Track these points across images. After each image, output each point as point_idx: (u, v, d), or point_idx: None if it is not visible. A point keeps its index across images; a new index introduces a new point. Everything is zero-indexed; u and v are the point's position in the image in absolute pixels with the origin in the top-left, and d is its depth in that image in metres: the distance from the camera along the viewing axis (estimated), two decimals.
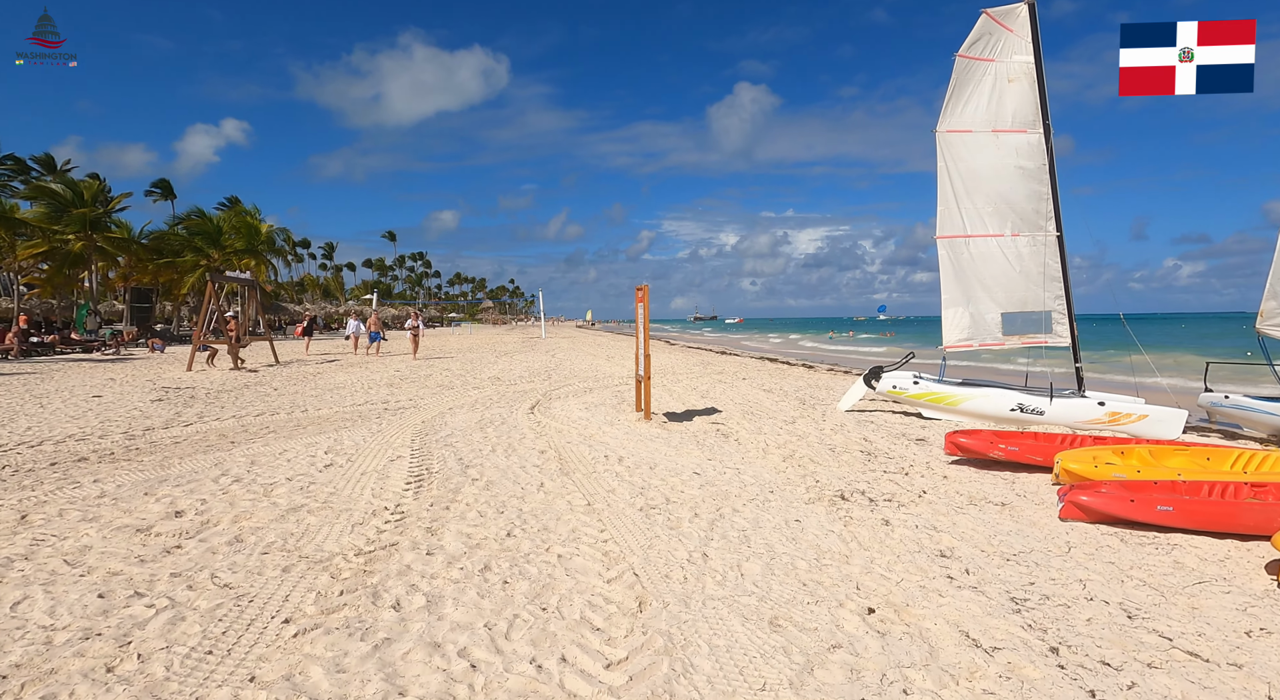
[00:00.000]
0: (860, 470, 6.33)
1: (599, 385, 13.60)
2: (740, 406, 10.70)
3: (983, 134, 9.79)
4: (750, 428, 8.58)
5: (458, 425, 8.37)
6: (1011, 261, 9.85)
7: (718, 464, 6.45)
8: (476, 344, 34.04)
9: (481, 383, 13.84)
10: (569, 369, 17.56)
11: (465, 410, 9.78)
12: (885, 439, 8.07)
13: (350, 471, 5.70)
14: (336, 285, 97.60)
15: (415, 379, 14.52)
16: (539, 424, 8.56)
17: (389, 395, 11.55)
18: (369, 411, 9.57)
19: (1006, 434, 6.97)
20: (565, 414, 9.49)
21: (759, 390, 13.30)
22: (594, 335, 52.19)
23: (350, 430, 7.87)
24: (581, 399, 11.29)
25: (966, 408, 9.59)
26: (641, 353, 8.81)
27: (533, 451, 6.79)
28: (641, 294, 8.77)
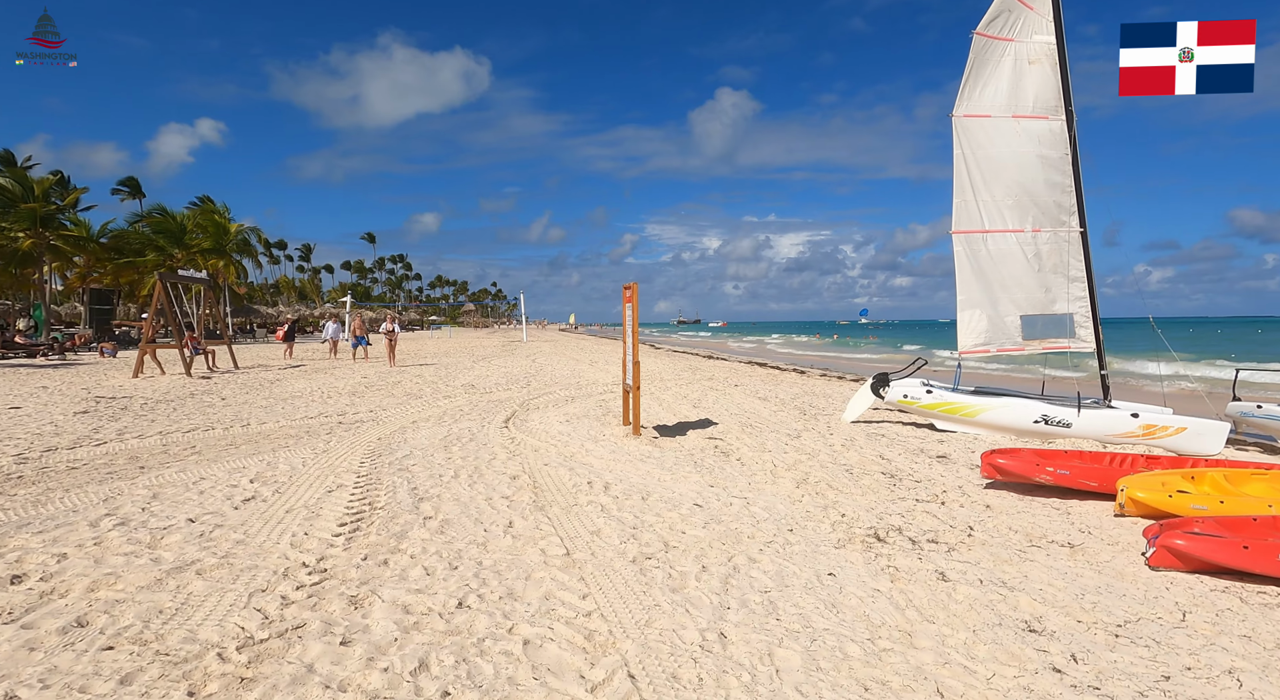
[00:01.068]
0: (887, 498, 5.40)
1: (581, 394, 12.58)
2: (737, 417, 9.75)
3: (1002, 119, 8.98)
4: (752, 444, 7.63)
5: (419, 443, 7.30)
6: (1031, 260, 9.04)
7: (721, 491, 5.48)
8: (455, 348, 32.79)
9: (454, 391, 12.74)
10: (550, 375, 16.52)
11: (431, 424, 8.70)
12: (904, 456, 7.17)
13: (274, 508, 4.62)
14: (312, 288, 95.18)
15: (382, 387, 13.37)
16: (513, 441, 7.53)
17: (348, 406, 10.42)
18: (320, 426, 8.45)
19: (1050, 454, 6.10)
20: (544, 428, 8.46)
21: (754, 398, 12.38)
22: (577, 339, 51.11)
23: (291, 450, 6.77)
24: (562, 410, 10.26)
25: (985, 419, 8.74)
26: (630, 359, 7.82)
27: (503, 477, 5.75)
28: (629, 293, 7.79)
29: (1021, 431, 8.54)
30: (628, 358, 7.98)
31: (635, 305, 7.58)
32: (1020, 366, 20.25)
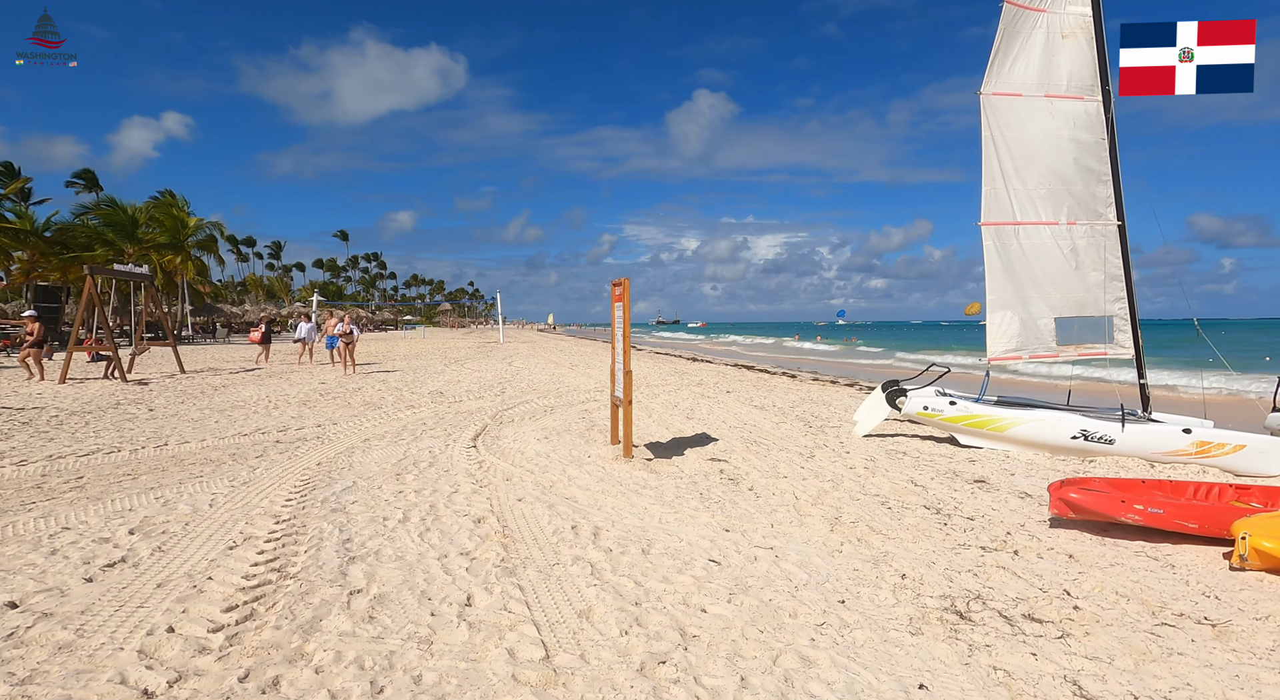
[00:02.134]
0: (945, 545, 4.35)
1: (562, 403, 11.39)
2: (738, 432, 8.67)
3: (1034, 98, 8.04)
4: (763, 467, 6.55)
5: (367, 469, 6.07)
6: (1067, 256, 8.12)
7: (740, 538, 4.37)
8: (427, 350, 31.28)
9: (419, 400, 11.46)
10: (527, 381, 15.29)
11: (386, 442, 7.46)
12: (939, 482, 6.16)
13: (142, 579, 3.39)
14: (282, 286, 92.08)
15: (339, 395, 12.03)
16: (481, 465, 6.33)
17: (294, 419, 9.10)
18: (252, 446, 7.15)
19: (1128, 485, 5.11)
20: (518, 448, 7.28)
21: (750, 407, 11.33)
22: (556, 340, 49.75)
23: (205, 480, 5.49)
24: (540, 423, 9.07)
25: (1016, 435, 7.78)
26: (620, 368, 6.68)
27: (465, 520, 4.57)
28: (620, 290, 6.65)
29: (1057, 448, 7.61)
30: (617, 365, 6.84)
31: (627, 304, 6.45)
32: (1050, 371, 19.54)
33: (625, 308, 6.44)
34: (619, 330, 6.73)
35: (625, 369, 6.43)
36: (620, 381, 6.64)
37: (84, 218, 33.33)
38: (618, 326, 6.78)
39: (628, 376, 6.41)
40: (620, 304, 6.64)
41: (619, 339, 6.74)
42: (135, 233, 33.02)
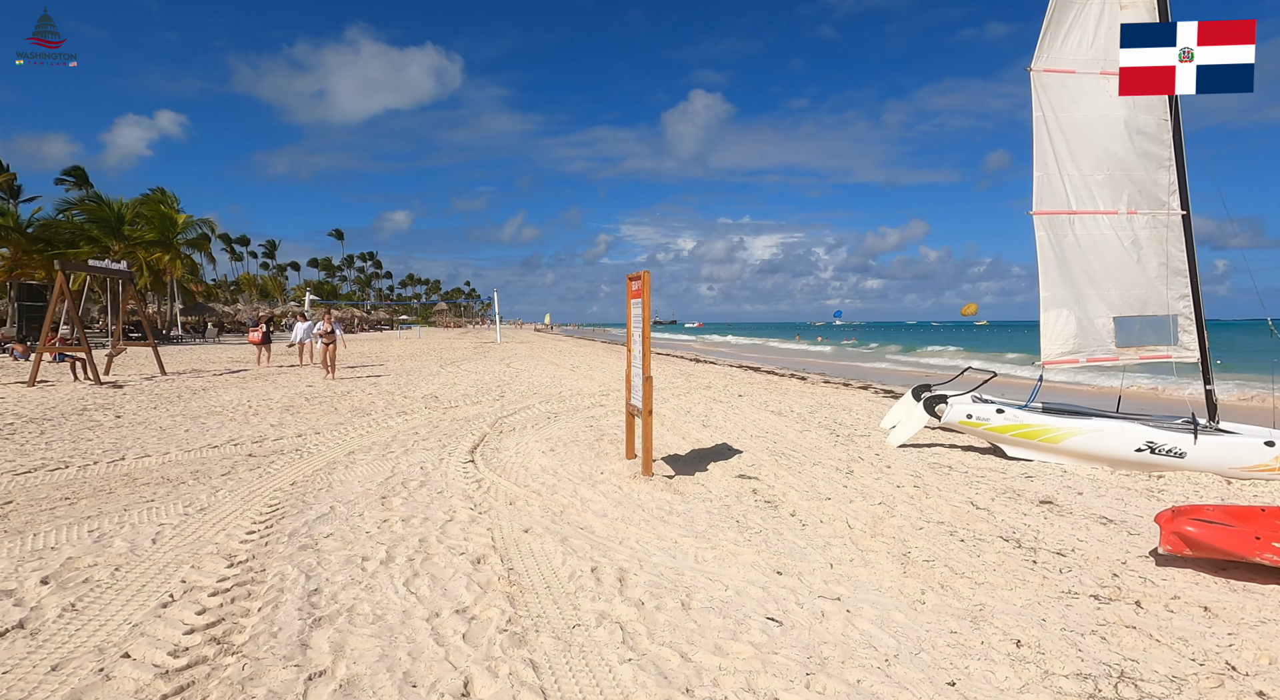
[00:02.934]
0: (1044, 591, 3.57)
1: (566, 408, 10.58)
2: (761, 441, 7.89)
3: (1088, 76, 7.27)
4: (800, 486, 5.76)
5: (348, 491, 5.26)
6: (1128, 248, 7.36)
7: (797, 584, 3.59)
8: (422, 350, 30.42)
9: (412, 405, 10.63)
10: (527, 383, 14.47)
11: (373, 456, 6.64)
12: (1002, 503, 5.38)
13: (36, 654, 2.58)
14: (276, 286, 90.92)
15: (326, 399, 11.19)
16: (480, 485, 5.53)
17: (274, 427, 8.27)
18: (220, 460, 6.32)
19: (1249, 514, 4.33)
20: (521, 462, 6.47)
21: (768, 413, 10.55)
22: (554, 340, 48.91)
23: (156, 505, 4.68)
24: (544, 432, 8.27)
25: (1072, 446, 7.02)
26: (638, 373, 5.88)
27: (461, 562, 3.77)
28: (638, 285, 5.85)
29: (1120, 462, 6.84)
30: (635, 370, 6.04)
31: (647, 301, 5.64)
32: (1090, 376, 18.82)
33: (645, 305, 5.64)
34: (637, 330, 5.93)
35: (645, 374, 5.63)
36: (639, 389, 5.84)
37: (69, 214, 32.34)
38: (636, 326, 5.98)
39: (648, 383, 5.61)
40: (639, 301, 5.85)
41: (637, 340, 5.94)
42: (121, 229, 32.05)
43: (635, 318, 6.01)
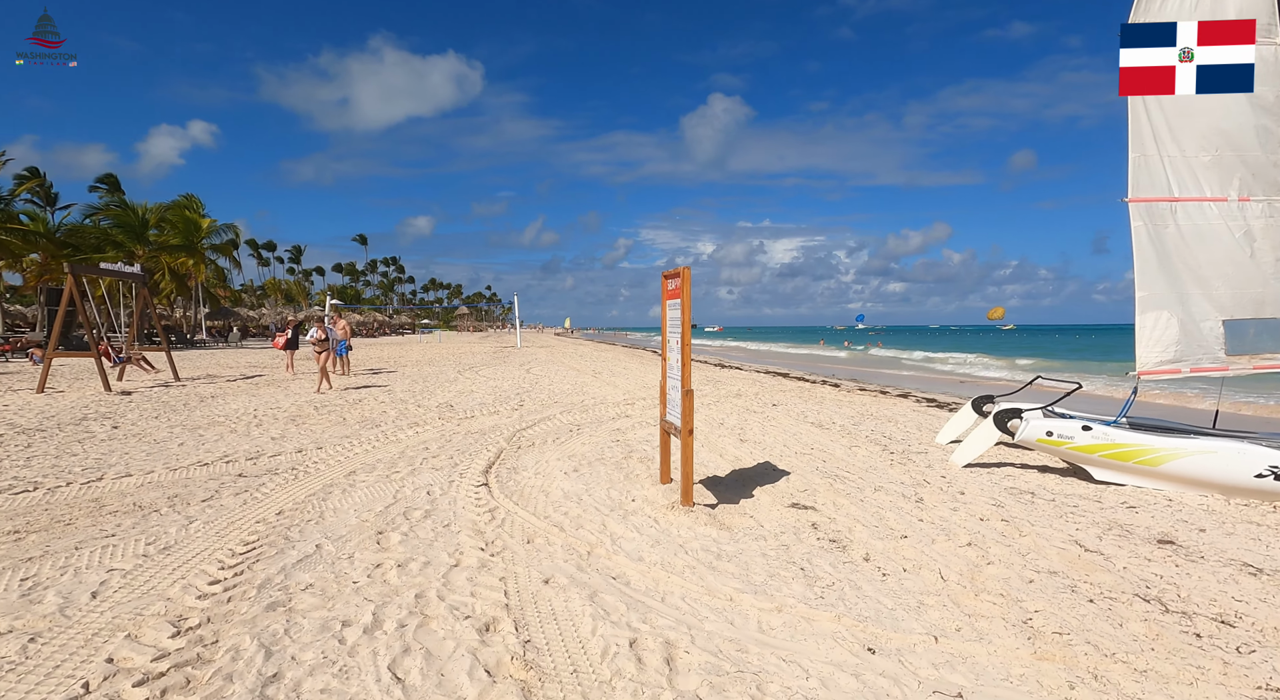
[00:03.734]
0: (1232, 684, 2.68)
1: (589, 419, 9.81)
2: (807, 460, 7.02)
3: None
4: (865, 517, 4.90)
5: (341, 524, 4.53)
6: (1239, 241, 6.36)
7: (899, 668, 2.74)
8: (441, 355, 29.96)
9: (425, 415, 9.95)
10: (548, 390, 13.74)
11: (376, 477, 5.92)
12: (1112, 543, 4.46)
13: None
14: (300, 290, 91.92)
15: (335, 409, 10.57)
16: (494, 516, 4.76)
17: (273, 441, 7.62)
18: (206, 481, 5.65)
19: None
20: (541, 486, 5.70)
21: (807, 425, 9.66)
22: (574, 344, 48.32)
23: (114, 542, 3.98)
24: (567, 448, 7.49)
25: (1177, 470, 6.04)
26: (676, 385, 5.07)
27: (466, 630, 2.98)
28: (676, 284, 5.05)
29: (1235, 489, 5.85)
30: (673, 382, 5.23)
31: (687, 300, 4.83)
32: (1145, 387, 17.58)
33: (685, 306, 4.83)
34: (675, 336, 5.13)
35: (685, 388, 4.82)
36: (676, 404, 5.03)
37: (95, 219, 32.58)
38: (673, 331, 5.18)
39: (688, 399, 4.79)
40: (677, 301, 5.04)
41: (674, 348, 5.14)
42: (145, 234, 32.17)
43: (673, 321, 5.20)
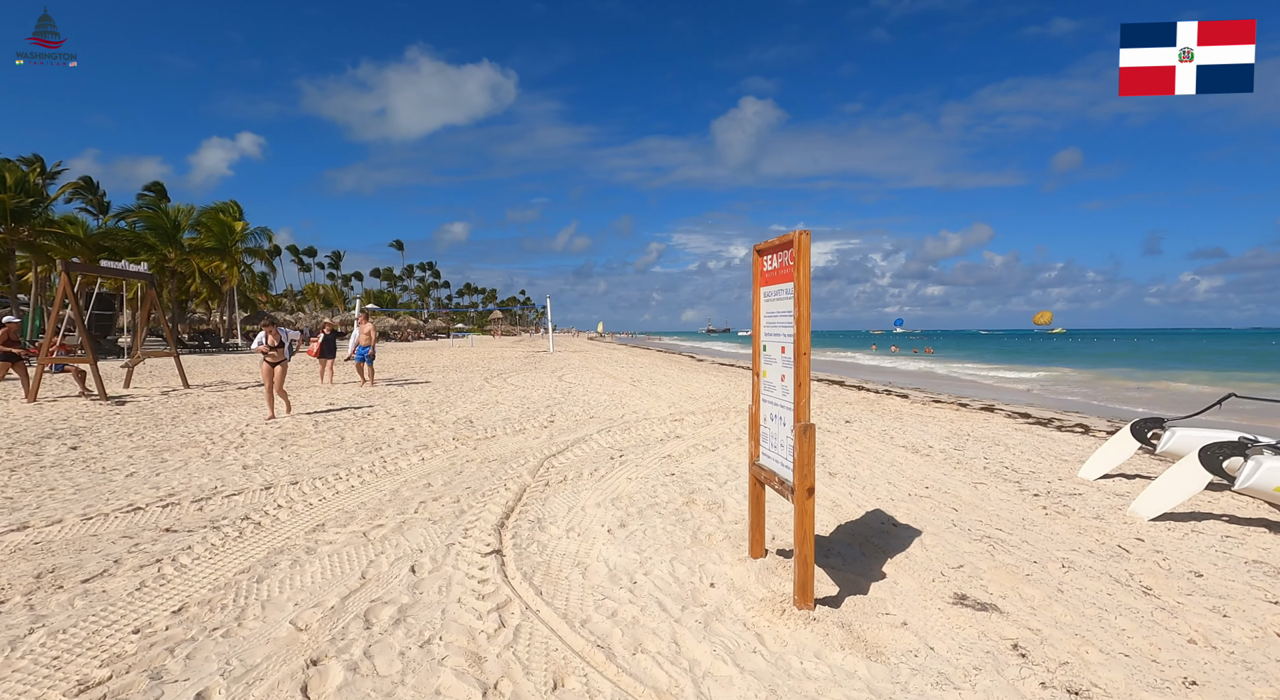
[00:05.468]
0: None
1: (633, 440, 8.08)
2: (931, 506, 5.16)
3: None
4: (1092, 633, 3.03)
5: (262, 634, 2.89)
6: None
7: None
8: (470, 360, 28.71)
9: (438, 434, 8.37)
10: (582, 403, 12.08)
11: (349, 535, 4.29)
12: None
13: None
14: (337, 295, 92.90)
15: (336, 426, 9.09)
16: (502, 625, 3.05)
17: (243, 471, 6.11)
18: (114, 541, 4.09)
19: None
20: (577, 555, 3.98)
21: (900, 449, 7.76)
22: (608, 350, 46.78)
23: None
24: (608, 486, 5.77)
25: None
26: (783, 416, 3.29)
27: None
28: (782, 260, 3.28)
29: None
30: (770, 409, 3.46)
31: (804, 284, 3.06)
32: None
33: (801, 291, 3.06)
34: (778, 339, 3.36)
35: (800, 420, 3.04)
36: (782, 443, 3.26)
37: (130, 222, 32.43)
38: (776, 332, 3.41)
39: (807, 439, 3.01)
40: (784, 287, 3.28)
41: (777, 359, 3.37)
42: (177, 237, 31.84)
43: (775, 317, 3.43)
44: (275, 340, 9.55)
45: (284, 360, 9.49)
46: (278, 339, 9.54)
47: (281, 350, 9.52)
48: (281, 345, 9.54)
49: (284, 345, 9.56)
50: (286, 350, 9.60)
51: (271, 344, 9.51)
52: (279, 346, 9.53)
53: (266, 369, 9.44)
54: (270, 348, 9.48)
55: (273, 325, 9.52)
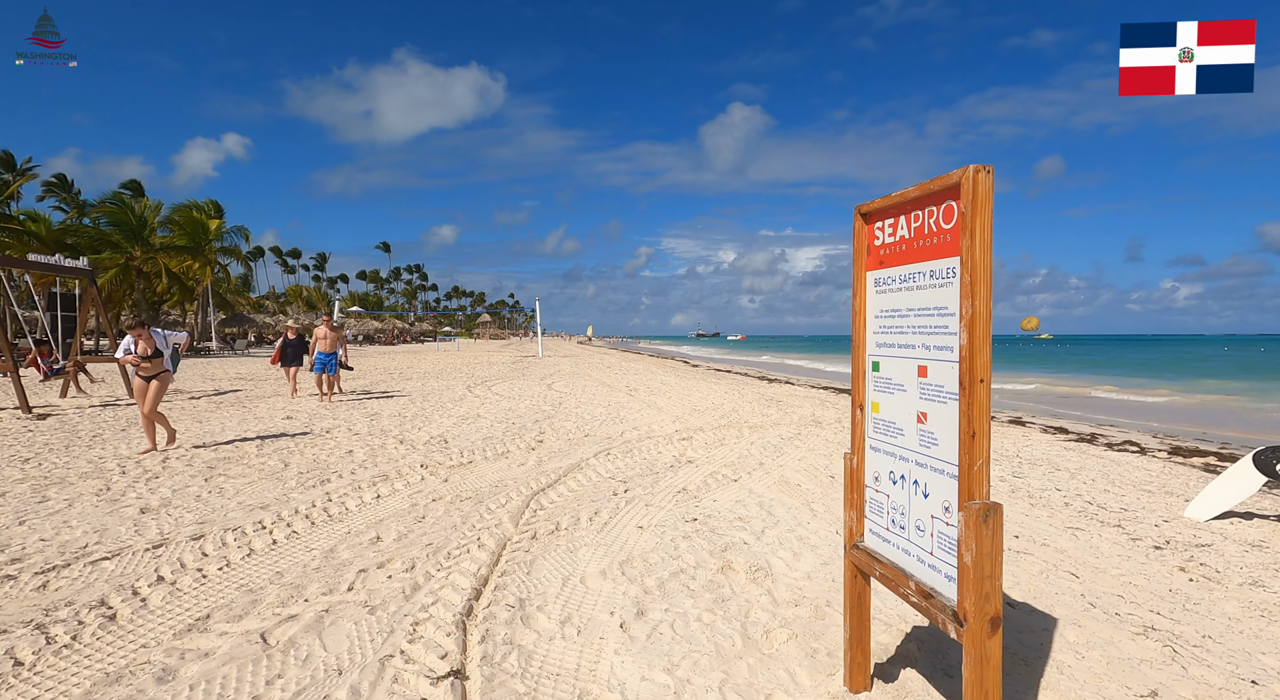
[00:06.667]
0: None
1: (638, 466, 6.74)
2: (1024, 561, 3.87)
3: None
4: None
5: None
6: None
7: None
8: (454, 365, 27.24)
9: (404, 459, 6.99)
10: (575, 415, 10.72)
11: (249, 625, 2.93)
12: None
13: None
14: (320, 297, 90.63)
15: (283, 449, 7.69)
16: None
17: (133, 521, 4.70)
18: None
19: None
20: (577, 672, 2.64)
21: None
22: (599, 355, 45.41)
23: None
24: (614, 541, 4.42)
25: None
26: (931, 463, 1.97)
27: None
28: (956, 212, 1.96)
29: None
30: (880, 463, 2.13)
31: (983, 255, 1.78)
32: None
33: (977, 268, 1.76)
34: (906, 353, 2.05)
35: (974, 494, 1.74)
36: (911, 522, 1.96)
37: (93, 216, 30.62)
38: (900, 343, 2.10)
39: (988, 530, 1.71)
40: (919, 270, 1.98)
41: (906, 383, 2.06)
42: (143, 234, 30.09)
43: (907, 319, 2.11)
44: (149, 347, 7.11)
45: (163, 373, 7.23)
46: (152, 345, 7.14)
47: (160, 360, 7.20)
48: (159, 354, 7.19)
49: (163, 354, 7.24)
50: (169, 359, 7.38)
51: (144, 352, 7.08)
52: (155, 356, 7.15)
53: (139, 385, 7.15)
54: (142, 357, 7.06)
55: (143, 326, 7.15)
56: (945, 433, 1.92)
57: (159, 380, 7.19)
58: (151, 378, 7.18)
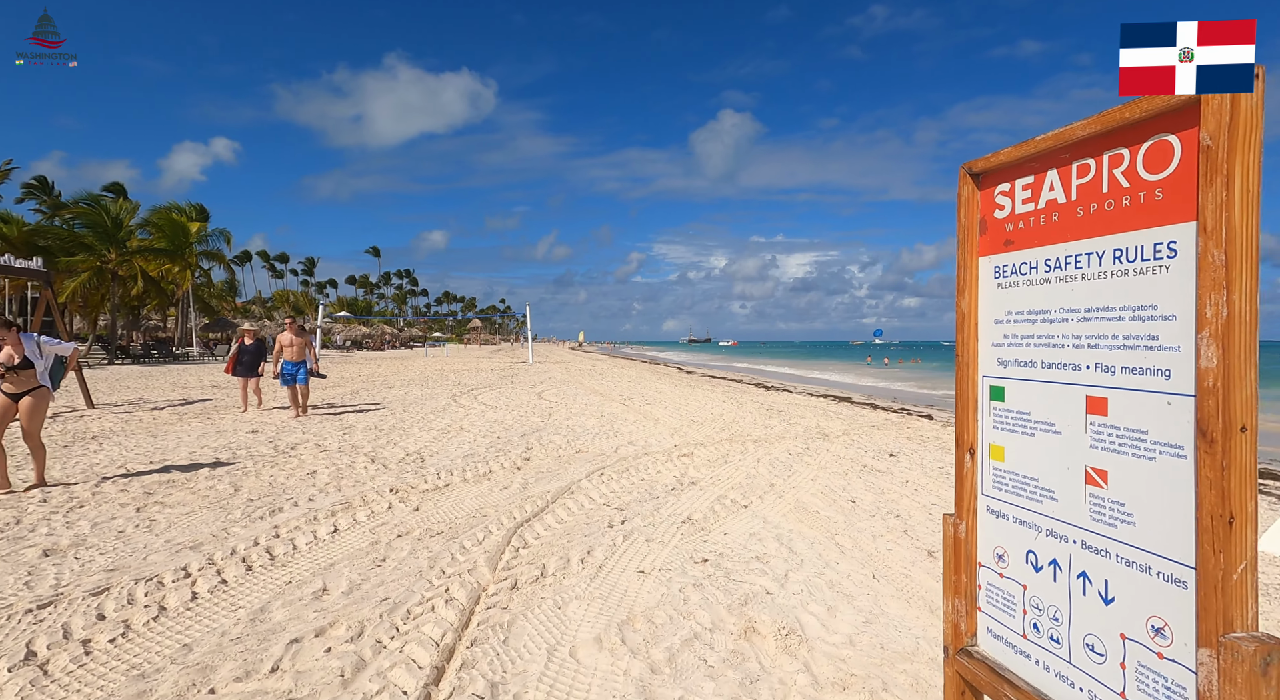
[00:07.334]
0: None
1: (636, 489, 6.00)
2: None
3: None
4: None
5: None
6: None
7: None
8: (441, 372, 26.39)
9: (373, 482, 6.22)
10: (566, 428, 9.96)
11: None
12: None
13: None
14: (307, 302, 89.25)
15: (238, 470, 6.89)
16: None
17: (31, 562, 3.92)
18: None
19: None
20: None
21: None
22: (591, 361, 44.63)
23: None
24: (610, 595, 3.67)
25: None
26: (1116, 551, 1.26)
27: None
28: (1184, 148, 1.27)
29: None
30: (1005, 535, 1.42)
31: (1245, 193, 1.11)
32: None
33: (1241, 206, 1.08)
34: (1050, 374, 1.34)
35: (1235, 623, 1.03)
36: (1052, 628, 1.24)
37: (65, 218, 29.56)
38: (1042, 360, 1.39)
39: (1272, 676, 1.00)
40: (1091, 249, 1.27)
41: (1057, 421, 1.35)
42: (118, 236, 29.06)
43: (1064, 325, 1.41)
44: (16, 355, 5.53)
45: (38, 389, 5.67)
46: (21, 352, 5.56)
47: (32, 372, 5.62)
48: (29, 365, 5.59)
49: (34, 365, 5.62)
50: (44, 374, 5.72)
51: (7, 360, 5.52)
52: (25, 366, 5.56)
53: (3, 404, 5.51)
54: (6, 367, 5.51)
55: (9, 329, 5.56)
56: (1151, 507, 1.21)
57: (34, 397, 5.65)
58: (20, 394, 5.59)
